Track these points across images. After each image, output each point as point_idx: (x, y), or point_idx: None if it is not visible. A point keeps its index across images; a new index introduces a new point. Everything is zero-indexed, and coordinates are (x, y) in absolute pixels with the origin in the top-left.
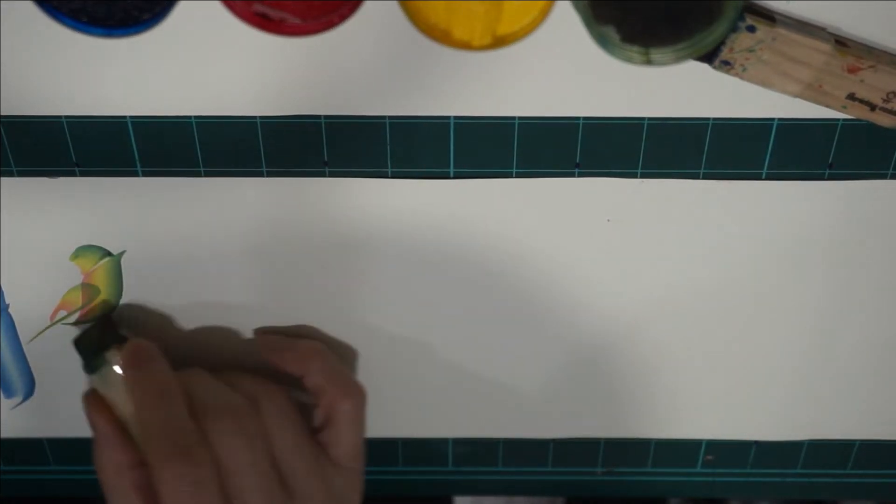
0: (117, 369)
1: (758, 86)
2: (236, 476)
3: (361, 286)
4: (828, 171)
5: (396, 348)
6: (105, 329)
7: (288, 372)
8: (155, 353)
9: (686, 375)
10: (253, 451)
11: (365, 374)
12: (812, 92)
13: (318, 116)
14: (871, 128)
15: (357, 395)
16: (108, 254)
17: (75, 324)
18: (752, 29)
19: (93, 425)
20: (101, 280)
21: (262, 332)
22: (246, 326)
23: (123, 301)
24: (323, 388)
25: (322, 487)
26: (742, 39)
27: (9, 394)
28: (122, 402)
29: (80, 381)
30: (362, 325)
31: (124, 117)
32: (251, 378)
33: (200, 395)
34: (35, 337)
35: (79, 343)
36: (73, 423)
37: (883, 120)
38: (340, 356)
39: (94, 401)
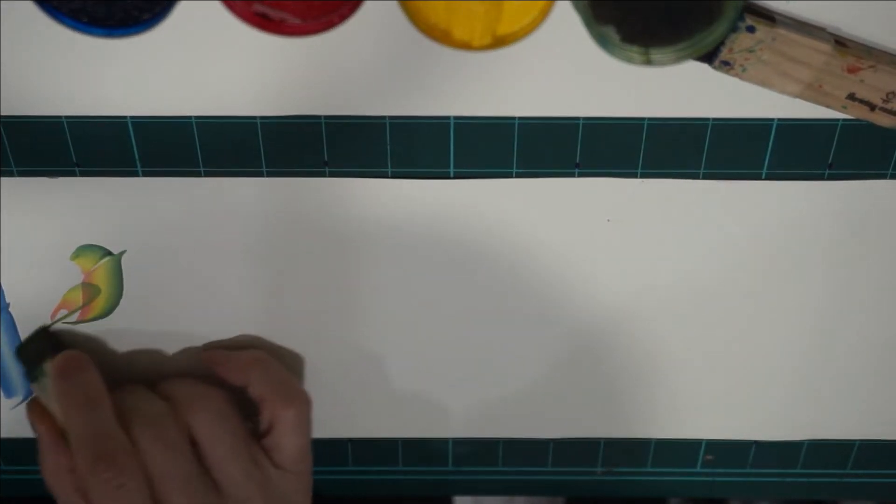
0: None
1: (758, 86)
2: (162, 482)
3: (361, 286)
4: (828, 171)
5: (396, 348)
6: (44, 340)
7: (231, 383)
8: (85, 362)
9: (686, 375)
10: (177, 457)
11: (364, 373)
12: (812, 92)
13: (318, 116)
14: (871, 128)
15: (298, 403)
16: (109, 253)
17: (75, 323)
18: (751, 29)
19: (34, 431)
20: (102, 279)
21: (206, 348)
22: (246, 326)
23: (124, 301)
24: (264, 396)
25: (260, 492)
26: (742, 39)
27: (9, 394)
28: (59, 410)
29: None
30: (362, 324)
31: (124, 117)
32: (189, 384)
33: (129, 404)
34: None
35: (20, 353)
36: None
37: (883, 120)
38: (287, 364)
39: (35, 408)
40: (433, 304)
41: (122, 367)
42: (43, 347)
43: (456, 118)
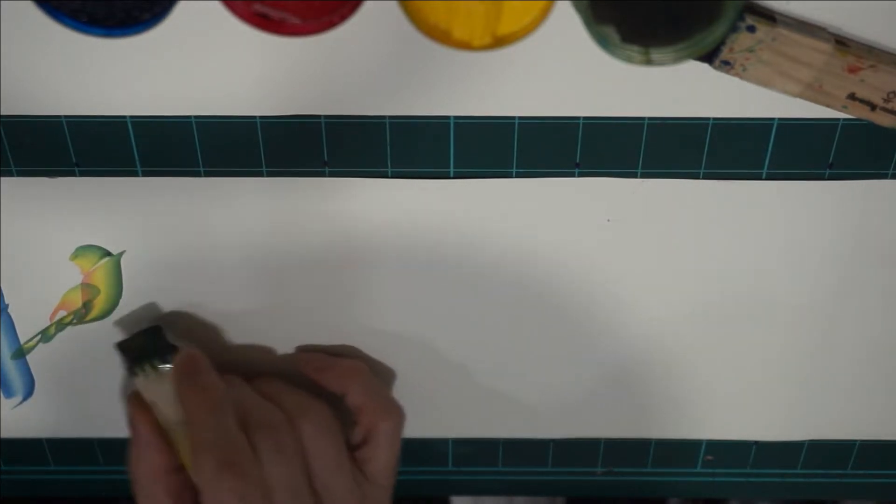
0: (166, 377)
1: (758, 85)
2: (276, 493)
3: (361, 286)
4: (828, 171)
5: (396, 348)
6: (154, 336)
7: (329, 390)
8: (206, 364)
9: (686, 375)
10: (292, 469)
11: None
12: (812, 92)
13: (318, 116)
14: (872, 128)
15: (396, 416)
16: (108, 253)
17: (79, 322)
18: (752, 29)
19: (133, 427)
20: (101, 280)
21: (304, 350)
22: (245, 326)
23: (123, 301)
24: (364, 407)
25: (351, 499)
26: (742, 39)
27: (9, 394)
28: (166, 408)
29: (80, 381)
30: (362, 324)
31: (124, 117)
32: (293, 392)
33: (247, 410)
34: (35, 337)
35: (125, 347)
36: (73, 423)
37: (883, 120)
38: (380, 376)
39: (138, 403)
40: (432, 303)
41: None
42: (152, 343)
43: (456, 118)
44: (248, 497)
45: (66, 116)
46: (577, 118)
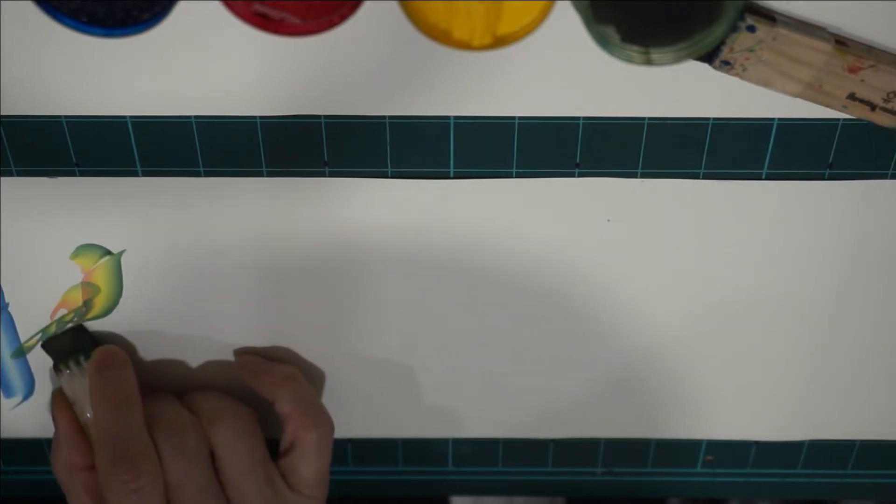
0: (87, 374)
1: (758, 86)
2: (177, 490)
3: (360, 285)
4: (828, 171)
5: (396, 348)
6: (80, 335)
7: (261, 395)
8: (123, 360)
9: (686, 375)
10: (195, 468)
11: (365, 373)
12: (812, 92)
13: (318, 116)
14: (872, 128)
15: (323, 426)
16: (109, 252)
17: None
18: (752, 29)
19: (54, 423)
20: (102, 279)
21: (241, 353)
22: (246, 326)
23: (123, 300)
24: (291, 415)
25: None
26: (742, 39)
27: (9, 394)
28: (85, 405)
29: None
30: (362, 324)
31: (124, 117)
32: (217, 398)
33: (155, 411)
34: (35, 336)
35: (49, 345)
36: None
37: (883, 120)
38: (312, 382)
39: (59, 401)
40: (432, 303)
41: (149, 373)
42: (76, 342)
43: (456, 118)
44: (142, 490)
45: (66, 116)
46: (577, 118)
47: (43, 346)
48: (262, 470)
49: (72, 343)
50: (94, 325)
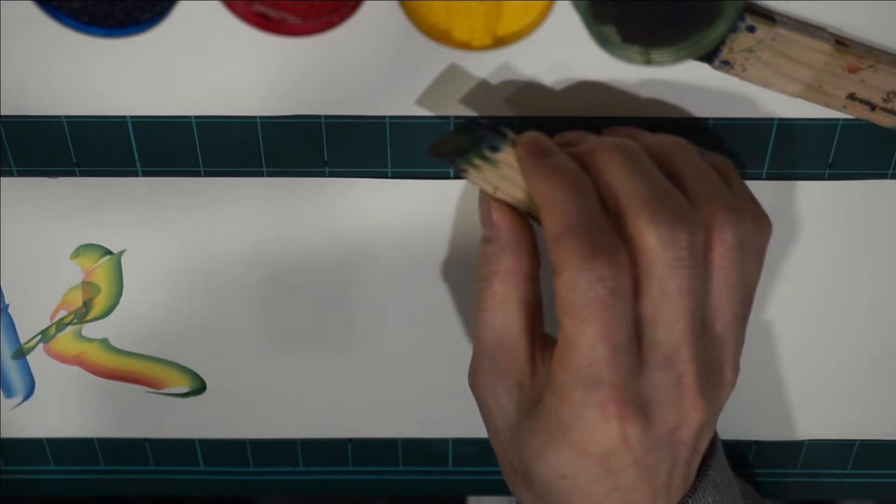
0: (503, 164)
1: (758, 85)
2: (657, 296)
3: (361, 286)
4: (827, 172)
5: (396, 348)
6: (471, 131)
7: None
8: (553, 145)
9: None
10: (687, 268)
11: (365, 374)
12: (812, 92)
13: (318, 116)
14: (872, 128)
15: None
16: (109, 252)
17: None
18: (751, 29)
19: (490, 227)
20: (102, 278)
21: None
22: (246, 326)
23: (123, 300)
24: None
25: (733, 328)
26: (742, 39)
27: (9, 394)
28: (510, 194)
29: (79, 381)
30: (361, 324)
31: (124, 117)
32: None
33: (624, 190)
34: (35, 337)
35: (439, 150)
36: (73, 423)
37: (883, 120)
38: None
39: (491, 200)
40: (433, 303)
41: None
42: (468, 139)
43: (456, 118)
44: (618, 291)
45: (66, 116)
46: (578, 118)
47: (432, 150)
48: (743, 294)
49: (467, 141)
50: (95, 326)
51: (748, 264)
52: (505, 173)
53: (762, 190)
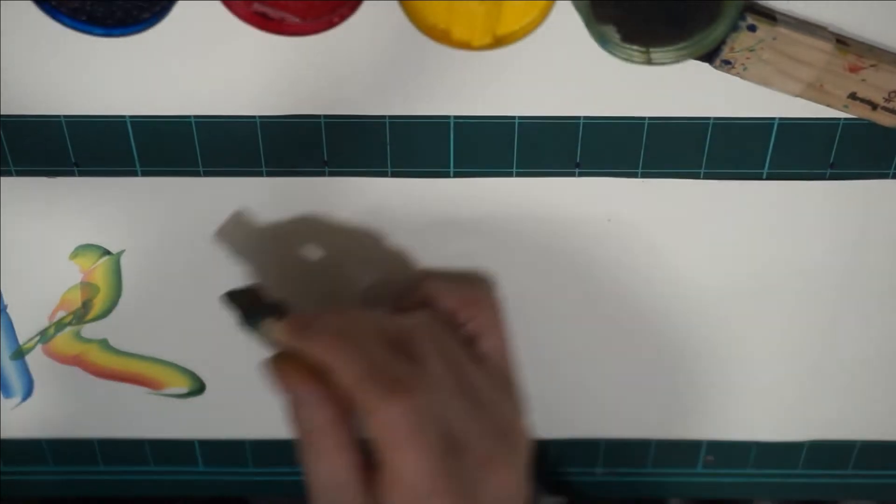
0: (280, 338)
1: (758, 85)
2: (447, 402)
3: (361, 286)
4: (828, 171)
5: None
6: (255, 297)
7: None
8: (311, 316)
9: (686, 375)
10: (452, 369)
11: None
12: (813, 91)
13: (318, 116)
14: (873, 127)
15: (492, 295)
16: (108, 252)
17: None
18: (752, 28)
19: (287, 389)
20: (101, 279)
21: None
22: None
23: (123, 300)
24: (457, 307)
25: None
26: (743, 39)
27: (8, 394)
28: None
29: (79, 381)
30: None
31: (124, 117)
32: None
33: (387, 326)
34: (34, 337)
35: (233, 298)
36: (73, 423)
37: (884, 119)
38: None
39: (279, 363)
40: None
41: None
42: (255, 305)
43: (456, 118)
44: (425, 413)
45: (65, 116)
46: (577, 118)
47: (228, 297)
48: (510, 348)
49: (252, 305)
50: (94, 326)
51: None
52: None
53: (763, 190)
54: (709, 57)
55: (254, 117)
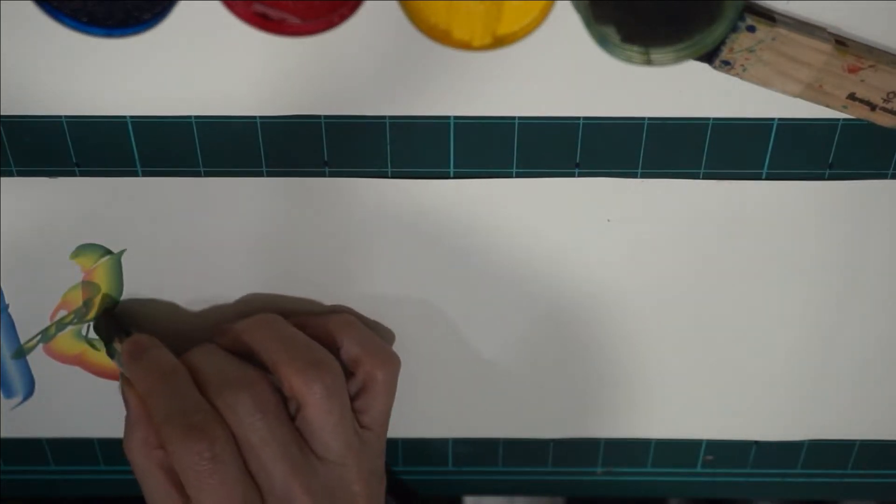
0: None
1: (758, 85)
2: (261, 451)
3: (361, 286)
4: (828, 171)
5: (395, 348)
6: (108, 321)
7: (325, 344)
8: (151, 342)
9: (686, 375)
10: (270, 419)
11: None
12: (812, 92)
13: (318, 116)
14: (872, 128)
15: (393, 364)
16: (109, 252)
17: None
18: (752, 29)
19: (126, 404)
20: (102, 278)
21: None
22: None
23: (123, 300)
24: (360, 358)
25: (356, 458)
26: (742, 39)
27: (9, 394)
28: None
29: (79, 381)
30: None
31: (124, 117)
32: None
33: (211, 370)
34: (35, 336)
35: (96, 328)
36: (73, 423)
37: (883, 120)
38: (374, 329)
39: (127, 380)
40: (432, 303)
41: (188, 334)
42: (108, 328)
43: (456, 118)
44: (218, 457)
45: (66, 116)
46: (577, 118)
47: (94, 328)
48: (350, 421)
49: (109, 327)
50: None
51: (344, 403)
52: None
53: (762, 190)
54: (708, 57)
55: (254, 117)
